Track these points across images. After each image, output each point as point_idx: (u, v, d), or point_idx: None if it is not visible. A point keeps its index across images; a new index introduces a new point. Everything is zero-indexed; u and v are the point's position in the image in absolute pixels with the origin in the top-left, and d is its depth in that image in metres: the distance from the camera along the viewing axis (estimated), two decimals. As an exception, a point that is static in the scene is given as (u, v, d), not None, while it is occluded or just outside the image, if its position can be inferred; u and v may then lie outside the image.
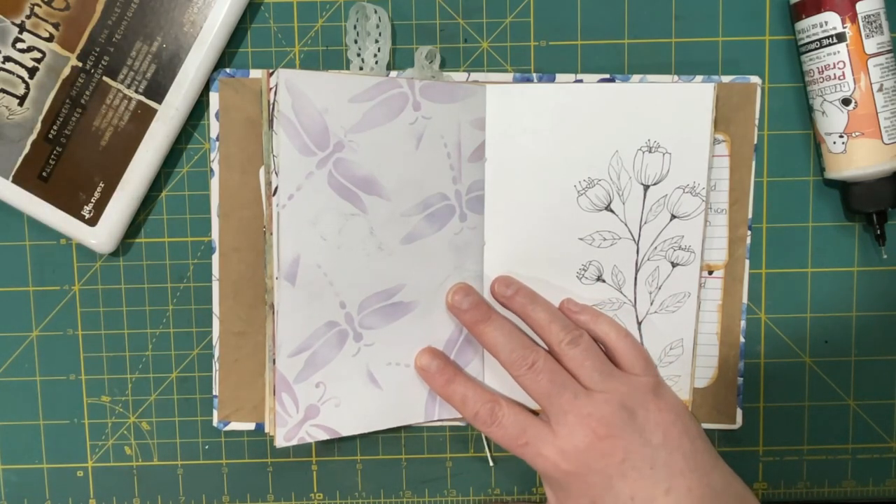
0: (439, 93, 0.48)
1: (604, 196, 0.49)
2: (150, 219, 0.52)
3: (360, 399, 0.49)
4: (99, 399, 0.53)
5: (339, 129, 0.46)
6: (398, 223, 0.49)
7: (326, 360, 0.48)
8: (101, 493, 0.54)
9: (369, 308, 0.49)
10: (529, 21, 0.51)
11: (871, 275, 0.52)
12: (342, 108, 0.46)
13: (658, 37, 0.51)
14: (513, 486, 0.54)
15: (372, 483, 0.54)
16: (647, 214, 0.50)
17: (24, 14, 0.48)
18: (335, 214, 0.47)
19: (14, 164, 0.49)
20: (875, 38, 0.48)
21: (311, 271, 0.47)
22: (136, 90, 0.49)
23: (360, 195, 0.47)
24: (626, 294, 0.51)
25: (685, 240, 0.50)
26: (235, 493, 0.54)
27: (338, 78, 0.47)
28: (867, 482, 0.54)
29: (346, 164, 0.47)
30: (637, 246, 0.50)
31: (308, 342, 0.48)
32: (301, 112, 0.46)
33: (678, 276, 0.50)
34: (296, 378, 0.48)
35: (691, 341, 0.51)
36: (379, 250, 0.48)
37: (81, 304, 0.52)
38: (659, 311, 0.51)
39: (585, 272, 0.50)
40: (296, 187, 0.46)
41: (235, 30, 0.50)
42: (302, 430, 0.48)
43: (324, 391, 0.48)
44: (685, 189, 0.49)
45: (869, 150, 0.48)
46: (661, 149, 0.49)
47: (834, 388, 0.53)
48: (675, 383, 0.51)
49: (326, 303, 0.48)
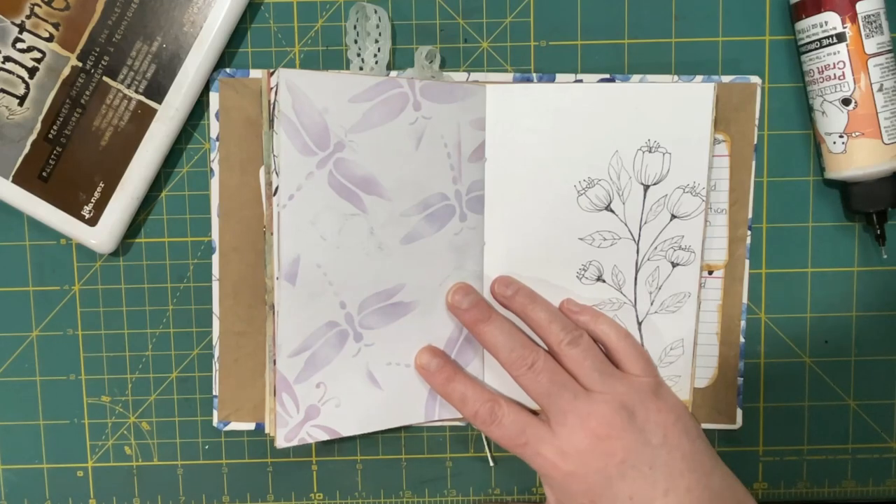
0: (439, 93, 0.48)
1: (604, 196, 0.49)
2: (150, 219, 0.52)
3: (360, 399, 0.49)
4: (99, 399, 0.53)
5: (339, 129, 0.46)
6: (398, 223, 0.48)
7: (327, 361, 0.48)
8: (101, 493, 0.54)
9: (369, 308, 0.49)
10: (529, 21, 0.51)
11: (871, 275, 0.52)
12: (342, 107, 0.46)
13: (658, 37, 0.51)
14: (513, 486, 0.54)
15: (372, 483, 0.54)
16: (647, 214, 0.50)
17: (24, 14, 0.48)
18: (335, 214, 0.47)
19: (14, 164, 0.49)
20: (875, 38, 0.48)
21: (311, 271, 0.47)
22: (136, 90, 0.49)
23: (361, 195, 0.47)
24: (626, 294, 0.50)
25: (685, 240, 0.50)
26: (235, 493, 0.54)
27: (338, 78, 0.47)
28: (867, 482, 0.54)
29: (346, 164, 0.47)
30: (637, 246, 0.50)
31: (308, 342, 0.47)
32: (301, 112, 0.45)
33: (678, 276, 0.50)
34: (296, 378, 0.48)
35: (691, 342, 0.51)
36: (379, 250, 0.48)
37: (81, 304, 0.52)
38: (659, 311, 0.51)
39: (585, 272, 0.50)
40: (296, 187, 0.46)
41: (235, 30, 0.50)
42: (302, 431, 0.48)
43: (324, 391, 0.48)
44: (685, 189, 0.49)
45: (869, 150, 0.48)
46: (661, 149, 0.49)
47: (834, 388, 0.53)
48: (675, 384, 0.51)
49: (326, 303, 0.48)
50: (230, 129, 0.50)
